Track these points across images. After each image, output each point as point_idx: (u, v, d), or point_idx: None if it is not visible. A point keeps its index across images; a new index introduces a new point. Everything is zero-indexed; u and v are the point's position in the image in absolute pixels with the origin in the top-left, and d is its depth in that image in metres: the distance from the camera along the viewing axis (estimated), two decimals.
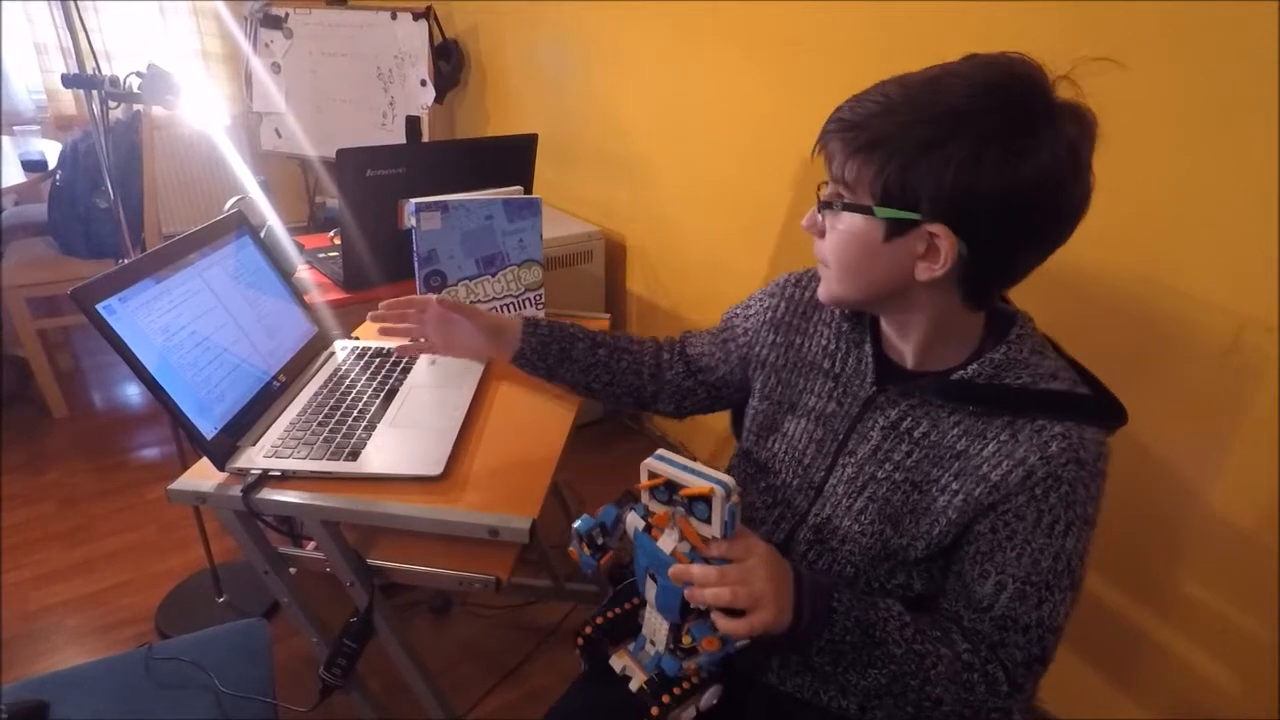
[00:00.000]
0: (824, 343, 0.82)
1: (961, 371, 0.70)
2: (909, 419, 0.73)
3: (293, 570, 0.98)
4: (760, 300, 0.90)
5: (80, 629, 1.60)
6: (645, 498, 0.67)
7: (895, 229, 0.64)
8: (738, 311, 0.93)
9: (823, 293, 0.75)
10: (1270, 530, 0.99)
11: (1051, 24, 1.08)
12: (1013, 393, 0.68)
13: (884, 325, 0.77)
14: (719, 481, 0.61)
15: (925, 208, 0.62)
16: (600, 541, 0.72)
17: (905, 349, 0.75)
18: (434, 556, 0.90)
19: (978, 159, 0.59)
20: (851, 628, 0.67)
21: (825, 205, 0.70)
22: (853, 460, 0.76)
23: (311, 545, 0.95)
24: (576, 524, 0.72)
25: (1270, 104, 0.88)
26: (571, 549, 0.73)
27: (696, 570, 0.64)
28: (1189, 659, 1.11)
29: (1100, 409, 0.69)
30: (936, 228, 0.62)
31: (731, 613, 0.64)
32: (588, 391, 1.02)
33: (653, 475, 0.65)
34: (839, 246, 0.70)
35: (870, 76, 0.67)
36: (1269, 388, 0.96)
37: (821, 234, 0.72)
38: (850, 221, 0.67)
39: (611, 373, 0.99)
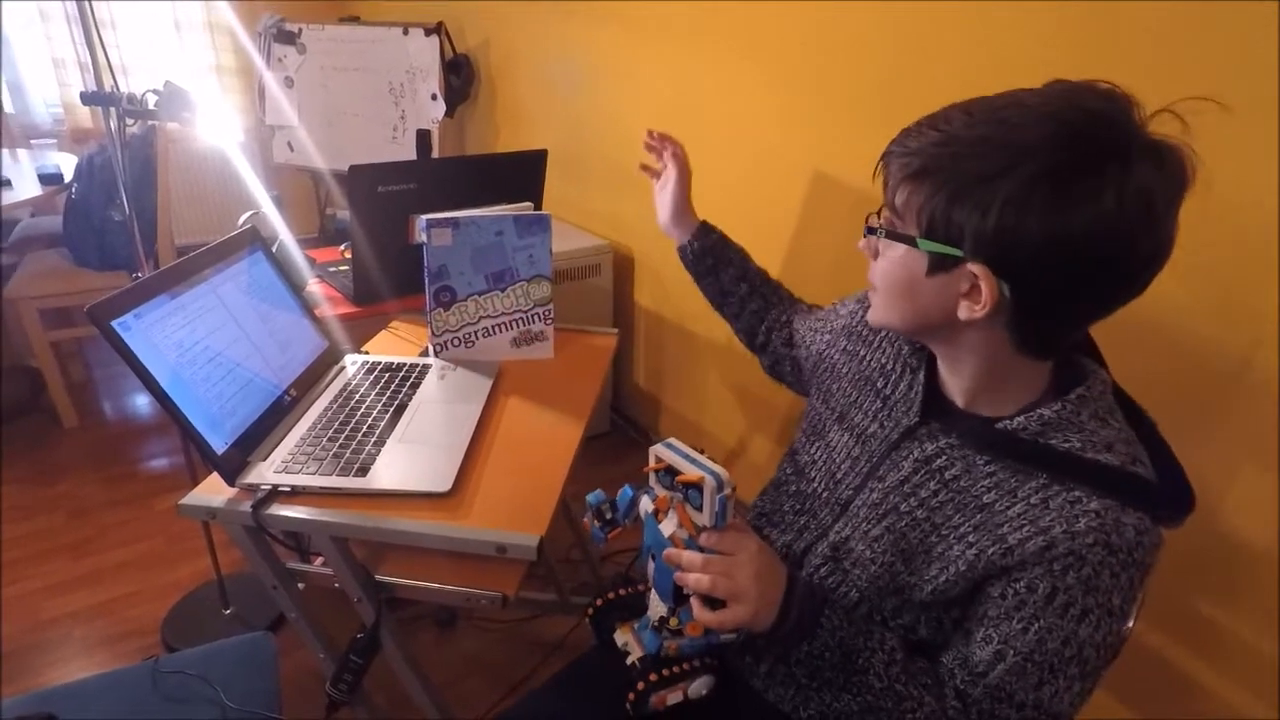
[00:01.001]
0: (883, 360, 0.81)
1: (1007, 421, 0.66)
2: (944, 457, 0.70)
3: (301, 585, 0.99)
4: (849, 307, 0.91)
5: (87, 640, 1.61)
6: (651, 480, 0.71)
7: (938, 264, 0.62)
8: (837, 307, 0.94)
9: (870, 314, 0.73)
10: None
11: (1050, 23, 1.08)
12: (1056, 456, 0.63)
13: (937, 360, 0.74)
14: (712, 472, 0.64)
15: (968, 245, 0.59)
16: (609, 516, 0.77)
17: (956, 387, 0.72)
18: (441, 572, 0.89)
19: (1027, 198, 0.55)
20: (834, 647, 0.66)
21: (870, 231, 0.68)
22: (880, 486, 0.75)
23: (320, 560, 0.95)
24: (589, 496, 0.77)
25: (1269, 104, 0.87)
26: (585, 520, 0.77)
27: (685, 555, 0.67)
28: (1201, 677, 1.10)
29: (1152, 494, 0.63)
30: (977, 267, 0.59)
31: (714, 605, 0.66)
32: (720, 310, 1.10)
33: (658, 460, 0.69)
34: (885, 274, 0.68)
35: (877, 92, 0.67)
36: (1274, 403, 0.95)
37: (875, 256, 0.70)
38: (896, 250, 0.65)
39: (741, 306, 1.06)
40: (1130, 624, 0.70)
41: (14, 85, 3.06)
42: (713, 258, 1.06)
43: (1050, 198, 0.55)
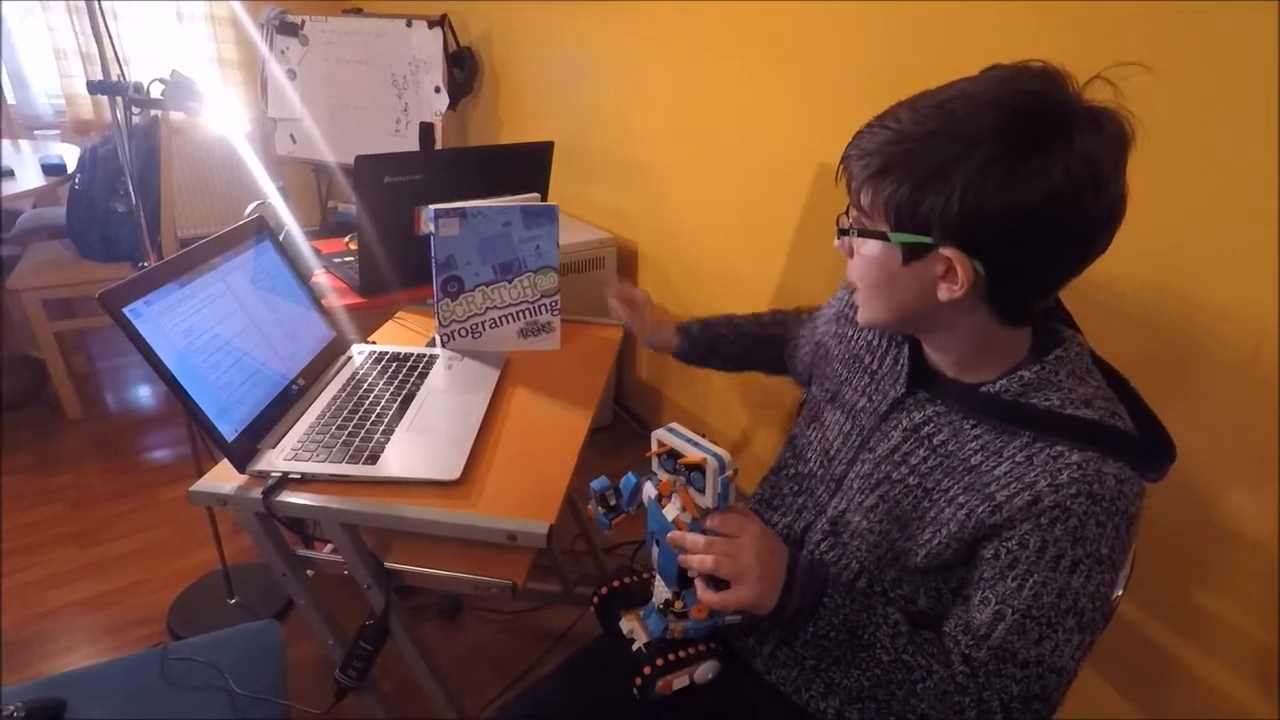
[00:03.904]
0: (869, 338, 0.84)
1: (989, 385, 0.70)
2: (931, 425, 0.73)
3: (310, 573, 0.99)
4: (835, 296, 0.94)
5: (93, 629, 1.61)
6: (654, 465, 0.72)
7: (912, 253, 0.65)
8: (830, 300, 0.97)
9: (859, 315, 0.75)
10: None
11: (1047, 23, 1.09)
12: (1037, 414, 0.66)
13: (923, 341, 0.77)
14: (714, 454, 0.65)
15: (936, 231, 0.62)
16: (613, 503, 0.77)
17: (942, 361, 0.75)
18: (449, 560, 0.90)
19: (983, 182, 0.58)
20: (839, 625, 0.67)
21: (843, 232, 0.71)
22: (871, 457, 0.77)
23: (328, 548, 0.95)
24: (593, 483, 0.77)
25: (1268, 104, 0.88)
26: (589, 507, 0.78)
27: (689, 537, 0.68)
28: (1201, 670, 1.10)
29: (1131, 445, 0.65)
30: (950, 251, 0.62)
31: (718, 586, 0.67)
32: (746, 371, 1.16)
33: (660, 444, 0.70)
34: (863, 271, 0.70)
35: (876, 88, 0.67)
36: None
37: (851, 255, 0.72)
38: (870, 247, 0.68)
39: (757, 357, 1.13)
40: (1123, 578, 0.70)
41: (15, 75, 3.04)
42: (704, 346, 1.12)
43: (1005, 178, 0.58)
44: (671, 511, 0.70)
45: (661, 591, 0.75)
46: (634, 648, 0.76)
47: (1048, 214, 0.59)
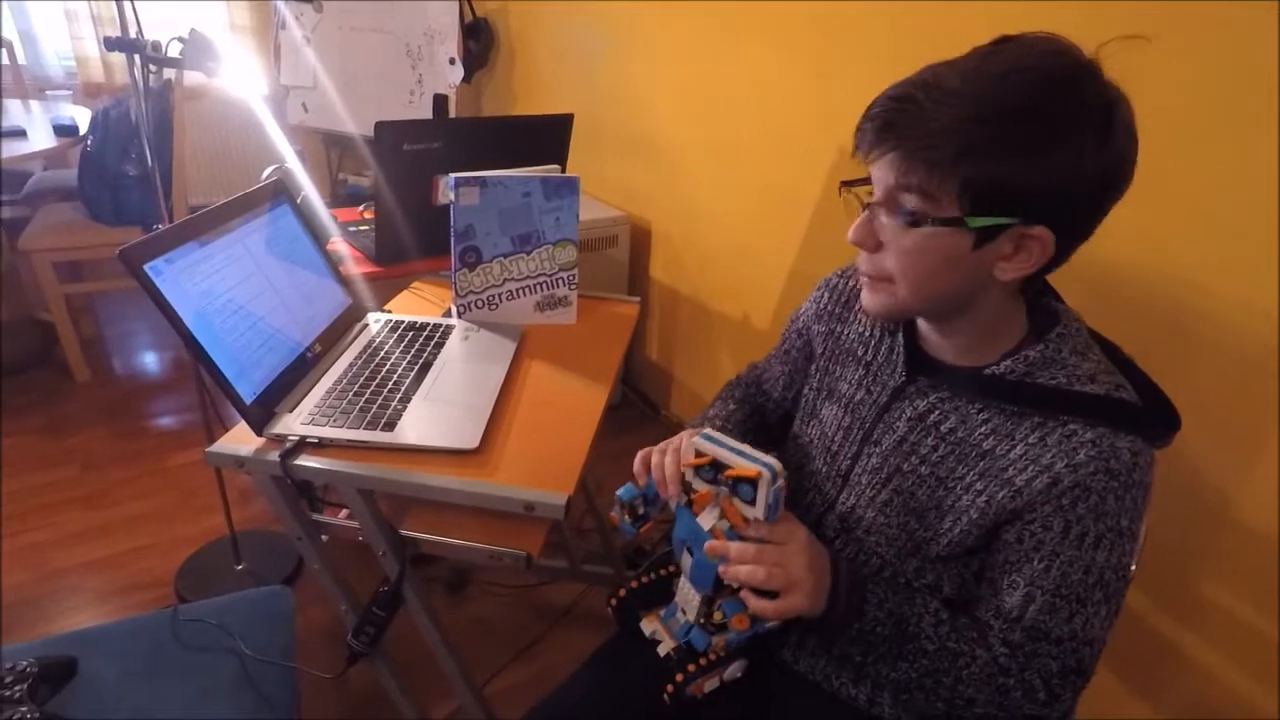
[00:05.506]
0: (861, 330, 0.82)
1: (994, 367, 0.68)
2: (937, 412, 0.72)
3: (324, 538, 0.99)
4: (809, 299, 0.91)
5: (101, 590, 1.62)
6: (690, 475, 0.69)
7: (987, 236, 0.61)
8: (791, 318, 0.94)
9: (878, 307, 0.70)
10: None
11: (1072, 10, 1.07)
12: (1045, 392, 0.66)
13: (922, 322, 0.74)
14: (766, 464, 0.63)
15: (1024, 212, 0.59)
16: (641, 511, 0.75)
17: (947, 346, 0.73)
18: (463, 529, 0.89)
19: (1080, 158, 0.57)
20: (884, 619, 0.67)
21: (913, 222, 0.62)
22: (878, 450, 0.76)
23: (343, 514, 0.95)
24: (620, 492, 0.75)
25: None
26: (613, 514, 0.76)
27: (734, 547, 0.66)
28: (1208, 663, 1.10)
29: (1139, 416, 0.65)
30: (1038, 229, 0.60)
31: (763, 594, 0.65)
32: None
33: (699, 454, 0.66)
34: (914, 260, 0.64)
35: (896, 66, 0.65)
36: None
37: (875, 248, 0.67)
38: (923, 235, 0.62)
39: (770, 427, 1.00)
40: (1137, 548, 0.70)
41: (26, 36, 3.01)
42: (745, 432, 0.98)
43: (1096, 151, 0.58)
44: (708, 520, 0.68)
45: (690, 599, 0.73)
46: (661, 653, 0.74)
47: (1115, 176, 0.60)
